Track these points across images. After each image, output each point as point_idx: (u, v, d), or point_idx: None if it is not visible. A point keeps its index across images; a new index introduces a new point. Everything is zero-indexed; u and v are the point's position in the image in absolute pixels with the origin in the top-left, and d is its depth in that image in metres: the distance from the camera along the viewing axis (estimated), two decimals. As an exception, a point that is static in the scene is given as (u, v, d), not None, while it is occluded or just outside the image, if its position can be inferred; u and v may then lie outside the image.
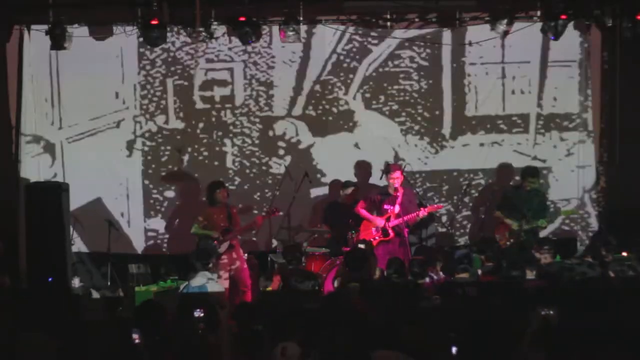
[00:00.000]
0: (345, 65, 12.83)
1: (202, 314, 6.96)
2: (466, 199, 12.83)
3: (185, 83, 12.77)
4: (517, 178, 12.30)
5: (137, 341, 6.49)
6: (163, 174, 12.83)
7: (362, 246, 10.80)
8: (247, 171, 12.75)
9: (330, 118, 12.85)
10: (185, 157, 12.80)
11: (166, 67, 12.76)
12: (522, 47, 12.73)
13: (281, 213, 11.83)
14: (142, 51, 12.66)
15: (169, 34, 11.95)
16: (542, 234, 12.07)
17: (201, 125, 12.74)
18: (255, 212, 12.51)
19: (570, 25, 12.25)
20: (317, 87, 12.83)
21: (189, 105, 12.79)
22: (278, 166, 12.59)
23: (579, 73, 12.88)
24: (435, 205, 11.63)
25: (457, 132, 12.85)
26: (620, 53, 12.56)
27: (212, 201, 11.40)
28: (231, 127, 12.70)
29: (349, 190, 12.07)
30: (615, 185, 12.97)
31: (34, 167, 12.68)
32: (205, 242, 11.18)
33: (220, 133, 12.81)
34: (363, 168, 12.87)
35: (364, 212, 11.28)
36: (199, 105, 12.79)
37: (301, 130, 12.80)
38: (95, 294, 11.21)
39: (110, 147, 12.64)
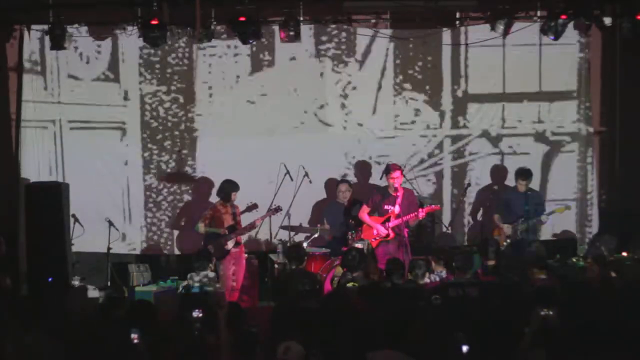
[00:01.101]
0: None
1: (200, 314, 6.93)
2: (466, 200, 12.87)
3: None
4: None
5: (136, 341, 6.47)
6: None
7: (359, 246, 10.79)
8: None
9: None
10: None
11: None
12: None
13: (281, 209, 11.81)
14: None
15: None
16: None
17: None
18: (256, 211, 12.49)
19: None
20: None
21: None
22: None
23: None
24: (433, 206, 11.60)
25: None
26: (620, 53, 12.57)
27: (226, 198, 11.38)
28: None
29: (343, 187, 12.09)
30: (615, 187, 12.97)
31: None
32: (210, 240, 11.18)
33: None
34: (363, 168, 12.87)
35: (367, 219, 11.25)
36: None
37: None
38: (92, 293, 11.22)
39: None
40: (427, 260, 10.17)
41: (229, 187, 11.46)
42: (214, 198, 12.04)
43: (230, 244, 11.23)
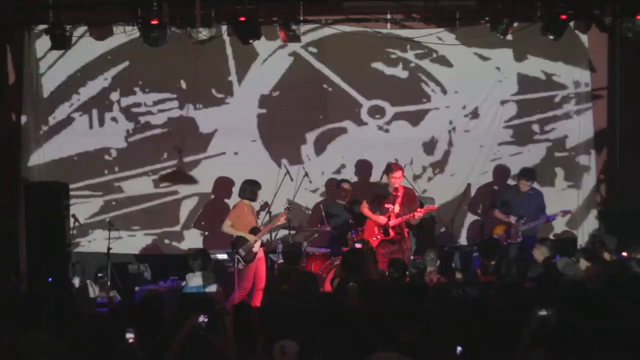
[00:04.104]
0: None
1: (206, 320, 6.85)
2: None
3: None
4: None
5: (131, 341, 6.45)
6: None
7: (359, 245, 10.78)
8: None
9: None
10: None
11: None
12: None
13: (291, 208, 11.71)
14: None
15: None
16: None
17: None
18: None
19: None
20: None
21: None
22: None
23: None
24: (431, 206, 11.58)
25: None
26: (620, 53, 12.56)
27: (252, 198, 11.29)
28: None
29: (343, 186, 12.07)
30: (615, 188, 12.96)
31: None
32: (239, 243, 11.07)
33: None
34: (363, 168, 12.87)
35: (368, 213, 11.27)
36: None
37: None
38: (92, 292, 11.23)
39: None
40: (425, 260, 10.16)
41: (254, 187, 11.32)
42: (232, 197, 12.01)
43: (257, 246, 11.14)
